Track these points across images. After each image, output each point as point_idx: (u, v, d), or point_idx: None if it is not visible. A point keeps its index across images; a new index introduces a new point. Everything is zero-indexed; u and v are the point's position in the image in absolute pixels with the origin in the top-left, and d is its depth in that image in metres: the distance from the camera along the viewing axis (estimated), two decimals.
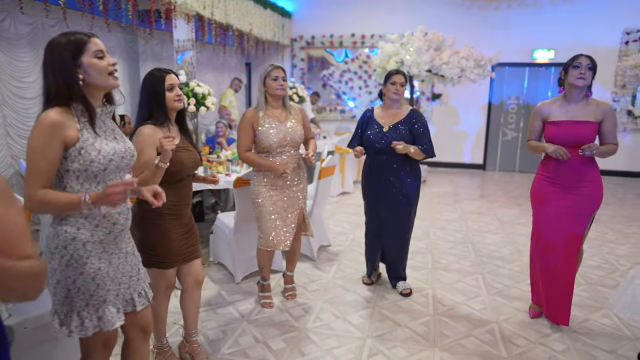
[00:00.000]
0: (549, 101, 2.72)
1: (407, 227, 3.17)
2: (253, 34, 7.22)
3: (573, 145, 2.53)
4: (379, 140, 3.00)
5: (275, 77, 2.74)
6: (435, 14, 8.19)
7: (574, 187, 2.60)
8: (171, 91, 2.09)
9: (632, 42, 7.67)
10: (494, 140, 8.62)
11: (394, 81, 2.99)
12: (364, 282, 3.38)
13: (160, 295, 2.22)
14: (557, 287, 2.69)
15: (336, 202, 5.93)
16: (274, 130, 2.75)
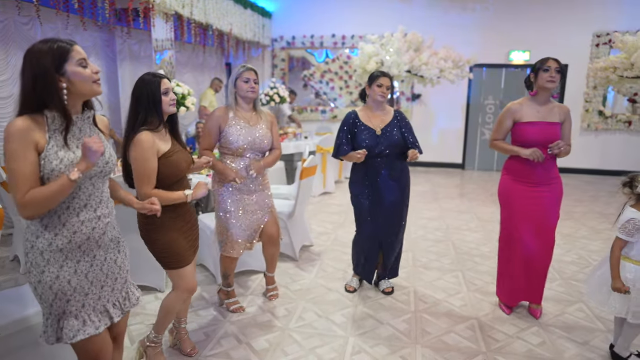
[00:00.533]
0: (518, 102, 2.80)
1: (404, 225, 3.19)
2: (233, 33, 7.18)
3: (543, 144, 2.65)
4: (376, 145, 2.96)
5: (247, 79, 2.67)
6: (414, 16, 8.29)
7: (542, 185, 2.72)
8: (166, 95, 2.09)
9: (602, 44, 7.92)
10: (473, 140, 8.78)
11: (380, 84, 2.94)
12: (348, 289, 3.25)
13: (177, 295, 2.22)
14: (536, 273, 2.81)
15: (318, 202, 5.94)
16: (243, 133, 2.69)
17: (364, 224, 3.14)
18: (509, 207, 2.83)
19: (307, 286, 3.35)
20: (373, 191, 3.05)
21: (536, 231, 2.76)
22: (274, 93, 7.17)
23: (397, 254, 3.26)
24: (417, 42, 6.90)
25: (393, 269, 3.30)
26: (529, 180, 2.73)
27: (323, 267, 3.72)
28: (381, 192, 3.03)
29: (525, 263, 2.81)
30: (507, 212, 2.84)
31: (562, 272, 3.65)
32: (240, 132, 2.69)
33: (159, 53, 6.13)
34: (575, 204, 5.98)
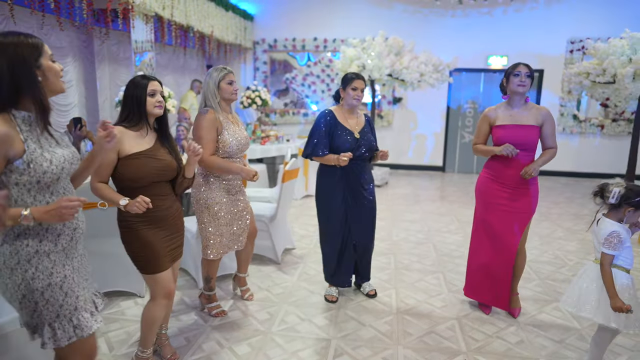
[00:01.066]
0: (494, 107, 2.89)
1: (374, 227, 3.20)
2: (214, 36, 7.14)
3: (518, 146, 2.71)
4: (357, 148, 2.95)
5: (230, 82, 2.68)
6: (395, 20, 8.39)
7: (517, 188, 2.78)
8: (153, 97, 2.07)
9: (576, 50, 8.16)
10: (453, 143, 8.91)
11: (355, 87, 2.92)
12: (329, 299, 3.12)
13: (156, 303, 2.18)
14: (500, 279, 2.87)
15: (300, 205, 5.94)
16: (236, 135, 2.71)
17: (337, 229, 3.08)
18: (481, 203, 2.92)
19: (290, 289, 3.34)
20: (350, 195, 3.03)
21: (502, 234, 2.83)
22: (256, 96, 7.15)
23: (369, 259, 3.27)
24: (398, 46, 6.98)
25: (363, 273, 3.27)
26: (505, 181, 2.80)
27: (305, 270, 3.71)
28: (357, 196, 3.03)
29: (488, 263, 2.89)
30: (480, 207, 2.93)
31: (539, 272, 3.74)
32: (235, 135, 2.70)
33: (138, 55, 6.05)
34: (551, 206, 6.12)
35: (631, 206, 2.20)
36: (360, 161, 3.01)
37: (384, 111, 8.88)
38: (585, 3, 8.02)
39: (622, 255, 2.25)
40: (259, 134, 6.92)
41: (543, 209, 5.82)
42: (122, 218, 2.09)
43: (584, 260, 4.04)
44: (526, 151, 2.75)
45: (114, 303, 3.01)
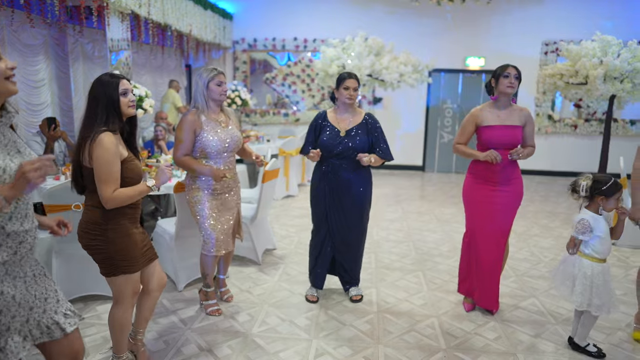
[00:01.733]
0: (480, 107, 2.93)
1: (362, 230, 3.12)
2: (193, 35, 7.04)
3: (505, 146, 2.77)
4: (336, 145, 2.94)
5: (220, 83, 2.71)
6: (374, 20, 8.44)
7: (502, 185, 2.84)
8: (125, 96, 2.02)
9: (550, 52, 8.37)
10: (432, 143, 9.02)
11: (347, 86, 2.91)
12: (309, 299, 3.13)
13: (127, 302, 2.14)
14: (490, 277, 2.91)
15: (281, 205, 5.92)
16: (218, 136, 2.71)
17: (319, 226, 3.12)
18: (470, 207, 2.96)
19: (271, 290, 3.32)
20: (331, 193, 3.02)
21: (491, 233, 2.88)
22: (236, 96, 7.09)
23: (355, 260, 3.18)
24: (377, 46, 7.02)
25: (353, 277, 3.20)
26: (489, 181, 2.85)
27: (286, 271, 3.70)
28: (339, 195, 3.01)
29: (480, 264, 2.93)
30: (469, 211, 2.97)
31: (516, 269, 3.81)
32: (216, 136, 2.70)
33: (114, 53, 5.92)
34: (527, 204, 6.26)
35: (601, 195, 2.30)
36: (341, 160, 2.96)
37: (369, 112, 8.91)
38: (558, 6, 8.23)
39: (592, 244, 2.34)
40: None
41: (520, 207, 5.93)
42: (109, 217, 2.01)
43: (559, 257, 4.14)
44: (508, 150, 2.79)
45: (90, 307, 2.94)
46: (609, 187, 2.31)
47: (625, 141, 8.39)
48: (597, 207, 2.36)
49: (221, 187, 2.81)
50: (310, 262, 3.23)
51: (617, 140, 7.99)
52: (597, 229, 2.35)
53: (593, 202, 2.37)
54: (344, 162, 2.97)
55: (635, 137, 8.45)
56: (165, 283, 2.31)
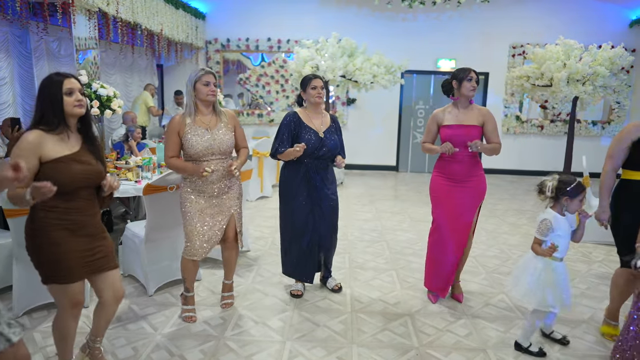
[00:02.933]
0: (442, 108, 3.10)
1: (337, 225, 3.29)
2: (164, 34, 6.91)
3: (463, 145, 2.92)
4: (320, 147, 3.04)
5: (207, 82, 2.66)
6: (348, 22, 8.50)
7: (464, 182, 2.99)
8: (70, 95, 1.93)
9: (517, 55, 8.62)
10: (405, 143, 9.15)
11: (314, 85, 3.03)
12: (294, 294, 3.19)
13: (65, 314, 2.04)
14: (448, 266, 3.05)
15: (255, 206, 5.87)
16: (200, 138, 2.68)
17: (303, 229, 3.13)
18: (435, 202, 3.10)
19: (244, 292, 3.29)
20: (315, 193, 3.10)
21: (454, 226, 3.00)
22: None
23: (331, 255, 3.37)
24: (350, 47, 7.07)
25: (327, 270, 3.39)
26: (451, 177, 3.00)
27: (260, 272, 3.67)
28: (323, 195, 3.12)
29: (443, 255, 3.06)
30: (434, 205, 3.11)
31: (486, 266, 3.91)
32: (197, 138, 2.68)
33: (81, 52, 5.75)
34: (497, 202, 6.43)
35: (565, 195, 2.38)
36: (322, 160, 3.09)
37: (338, 112, 8.96)
38: (525, 11, 8.49)
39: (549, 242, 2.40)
40: None
41: (489, 206, 6.09)
42: (37, 220, 1.91)
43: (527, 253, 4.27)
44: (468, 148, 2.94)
45: (52, 316, 2.83)
46: (573, 188, 2.39)
47: (588, 141, 8.73)
48: (561, 208, 2.44)
49: (211, 189, 2.74)
50: (293, 261, 3.21)
51: (580, 140, 8.31)
52: (557, 229, 2.42)
53: (558, 203, 2.44)
54: (322, 163, 3.11)
55: (596, 137, 8.80)
56: (121, 296, 2.18)
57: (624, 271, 2.61)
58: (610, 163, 2.59)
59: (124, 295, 2.23)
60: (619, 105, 8.53)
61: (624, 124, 8.69)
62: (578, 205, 2.40)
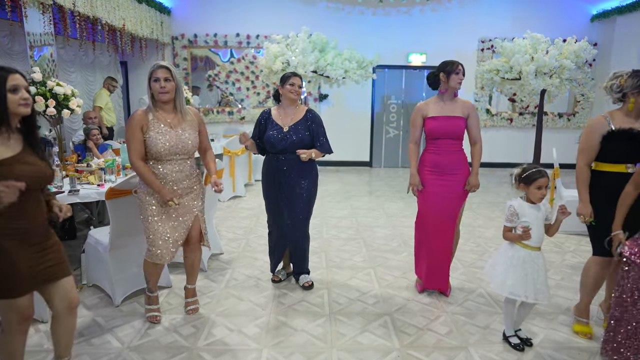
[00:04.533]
0: (425, 101, 3.11)
1: (307, 222, 3.27)
2: (127, 29, 6.61)
3: (448, 135, 2.98)
4: (280, 141, 3.08)
5: (157, 79, 2.51)
6: (318, 17, 8.38)
7: (449, 174, 3.02)
8: (15, 93, 1.75)
9: (486, 49, 8.73)
10: (379, 138, 9.13)
11: (292, 82, 3.09)
12: (273, 279, 3.38)
13: (13, 330, 1.85)
14: (439, 259, 3.09)
15: (227, 207, 5.70)
16: (164, 136, 2.55)
17: (270, 218, 3.30)
18: (421, 193, 3.10)
19: (217, 298, 3.15)
20: (277, 187, 3.16)
21: (440, 217, 3.03)
22: None
23: (304, 252, 3.33)
24: (321, 43, 6.96)
25: (304, 265, 3.35)
26: (437, 169, 3.02)
27: (234, 276, 3.53)
28: (286, 189, 3.14)
29: (430, 248, 3.09)
30: (420, 197, 3.12)
31: (463, 261, 3.89)
32: (160, 136, 2.54)
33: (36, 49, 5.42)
34: (471, 195, 6.42)
35: (521, 182, 2.39)
36: (286, 155, 3.09)
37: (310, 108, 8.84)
38: (492, 5, 8.59)
39: (518, 229, 2.38)
40: None
41: None
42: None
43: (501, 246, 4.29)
44: (453, 139, 3.01)
45: None
46: (526, 176, 2.39)
47: (555, 133, 8.94)
48: (524, 196, 2.46)
49: (173, 191, 2.62)
50: (271, 250, 3.40)
51: (548, 132, 8.49)
52: (522, 215, 2.41)
53: (527, 193, 2.44)
54: (288, 157, 3.10)
55: (563, 129, 9.02)
56: (76, 305, 2.01)
57: (596, 259, 2.63)
58: (582, 158, 2.59)
59: (78, 304, 2.05)
60: (584, 98, 8.77)
61: (588, 115, 8.95)
62: (538, 194, 2.38)
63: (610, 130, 2.47)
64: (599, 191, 2.55)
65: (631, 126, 2.45)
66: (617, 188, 2.42)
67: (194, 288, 2.98)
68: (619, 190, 2.41)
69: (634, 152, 2.45)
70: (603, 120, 2.53)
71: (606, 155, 2.53)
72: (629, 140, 2.44)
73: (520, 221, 2.40)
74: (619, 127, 2.46)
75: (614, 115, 2.52)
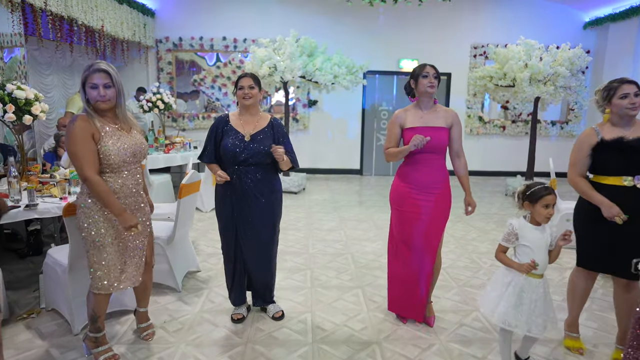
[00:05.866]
0: (404, 109, 2.77)
1: (273, 244, 2.87)
2: (107, 31, 6.32)
3: (429, 149, 2.60)
4: (242, 151, 2.64)
5: (94, 85, 2.17)
6: (306, 21, 8.17)
7: (428, 191, 2.67)
8: None
9: (478, 55, 8.57)
10: (369, 146, 8.90)
11: (241, 85, 2.68)
12: (234, 318, 2.88)
13: None
14: (415, 291, 2.76)
15: (209, 218, 5.41)
16: (121, 142, 2.25)
17: (229, 243, 2.82)
18: (397, 212, 2.77)
19: (190, 323, 2.86)
20: (238, 204, 2.70)
21: (419, 241, 2.71)
22: (157, 99, 6.47)
23: (271, 275, 2.94)
24: (310, 47, 6.73)
25: (269, 294, 2.97)
26: (415, 184, 2.67)
27: (210, 297, 3.25)
28: (246, 207, 2.70)
29: (407, 273, 2.77)
30: (395, 216, 2.79)
31: (457, 279, 3.65)
32: (119, 142, 2.24)
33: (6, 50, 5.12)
34: (462, 206, 6.24)
35: (526, 200, 2.19)
36: (248, 167, 2.66)
37: (299, 114, 8.61)
38: (484, 11, 8.45)
39: (518, 253, 2.18)
40: (162, 141, 6.25)
41: (456, 210, 5.86)
42: None
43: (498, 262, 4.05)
44: (435, 153, 2.66)
45: None
46: (532, 193, 2.17)
47: (547, 141, 8.80)
48: (529, 216, 2.21)
49: (131, 207, 2.35)
50: (227, 282, 2.94)
51: (541, 140, 8.33)
52: (522, 237, 2.18)
53: (532, 213, 2.20)
54: (250, 170, 2.67)
55: (555, 137, 8.88)
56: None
57: (579, 270, 2.57)
58: (573, 172, 2.49)
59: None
60: (577, 106, 8.64)
61: (581, 123, 8.82)
62: (544, 213, 2.15)
63: (599, 141, 2.38)
64: (592, 204, 2.38)
65: (620, 136, 2.35)
66: (612, 201, 2.32)
67: (146, 311, 2.70)
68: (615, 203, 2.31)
69: (629, 163, 2.32)
70: (592, 132, 2.44)
71: (599, 168, 2.43)
72: (620, 150, 2.33)
73: (519, 244, 2.17)
74: (608, 138, 2.36)
75: (603, 127, 2.44)
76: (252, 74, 2.71)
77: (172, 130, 8.29)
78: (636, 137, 2.33)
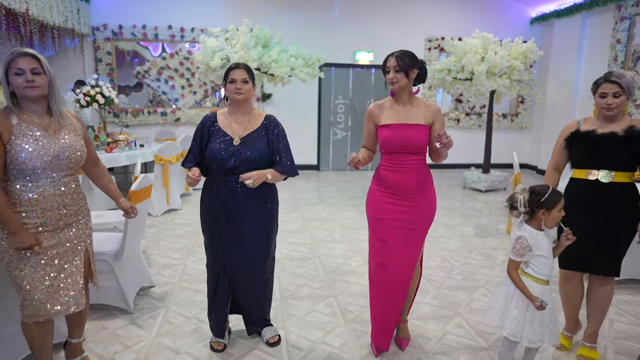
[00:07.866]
0: (380, 102, 2.43)
1: (269, 258, 2.50)
2: (32, 15, 5.60)
3: (406, 149, 2.29)
4: (229, 157, 2.26)
5: (19, 72, 1.83)
6: (259, 10, 7.78)
7: (410, 198, 2.33)
8: None
9: (433, 48, 8.58)
10: (326, 140, 8.69)
11: (232, 78, 2.29)
12: (214, 348, 2.49)
13: None
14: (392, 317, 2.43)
15: (161, 223, 4.96)
16: (38, 145, 1.86)
17: (214, 259, 2.43)
18: (373, 221, 2.40)
19: (146, 353, 2.49)
20: (226, 218, 2.33)
21: (396, 256, 2.34)
22: (97, 92, 5.84)
23: (265, 296, 2.59)
24: (265, 37, 6.37)
25: (262, 316, 2.62)
26: (394, 190, 2.33)
27: (168, 318, 2.88)
28: (237, 220, 2.33)
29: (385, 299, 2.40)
30: (372, 226, 2.41)
31: (432, 281, 3.51)
32: (35, 144, 1.85)
33: None
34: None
35: (542, 207, 2.01)
36: (237, 175, 2.27)
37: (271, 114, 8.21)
38: (437, 4, 8.45)
39: (532, 263, 2.06)
40: (104, 139, 5.66)
41: None
42: None
43: (469, 260, 3.98)
44: (413, 154, 2.30)
45: None
46: (548, 198, 2.01)
47: (500, 133, 9.01)
48: (539, 223, 2.05)
49: (55, 221, 1.95)
50: (211, 306, 2.52)
51: (494, 133, 8.51)
52: (536, 247, 2.04)
53: (535, 219, 2.05)
54: (237, 177, 2.28)
55: (507, 129, 9.12)
56: None
57: (562, 273, 2.55)
58: (550, 161, 2.52)
59: None
60: (529, 100, 8.89)
61: (530, 116, 9.11)
62: (559, 217, 2.03)
63: (574, 132, 2.36)
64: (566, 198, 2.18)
65: (595, 128, 2.31)
66: (576, 196, 2.31)
67: (80, 343, 2.29)
68: (578, 199, 2.30)
69: (595, 156, 2.28)
70: (574, 123, 2.43)
71: (572, 160, 2.42)
72: (589, 142, 2.29)
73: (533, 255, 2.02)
74: (583, 129, 2.34)
75: (588, 120, 2.41)
76: (245, 65, 2.32)
77: (114, 127, 7.62)
78: (609, 131, 2.26)
